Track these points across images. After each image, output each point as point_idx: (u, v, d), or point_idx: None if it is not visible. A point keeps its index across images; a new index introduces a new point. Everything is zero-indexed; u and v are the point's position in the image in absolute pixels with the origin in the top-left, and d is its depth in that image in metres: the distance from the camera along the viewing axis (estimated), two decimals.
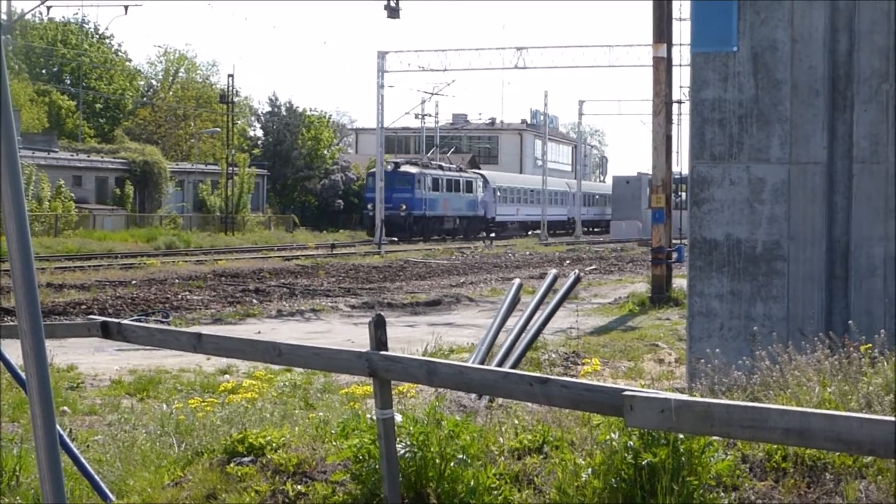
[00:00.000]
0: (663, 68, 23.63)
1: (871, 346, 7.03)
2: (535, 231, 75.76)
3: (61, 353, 14.13)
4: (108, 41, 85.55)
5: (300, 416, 8.62)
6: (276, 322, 20.42)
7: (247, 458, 6.75)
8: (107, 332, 6.69)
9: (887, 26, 9.52)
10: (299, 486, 6.33)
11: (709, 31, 10.04)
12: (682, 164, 38.45)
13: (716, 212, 10.06)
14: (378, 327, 5.51)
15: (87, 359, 14.54)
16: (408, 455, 5.87)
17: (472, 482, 5.80)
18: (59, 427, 4.59)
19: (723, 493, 5.51)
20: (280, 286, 27.19)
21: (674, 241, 25.60)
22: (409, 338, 16.63)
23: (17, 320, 3.75)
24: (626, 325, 19.39)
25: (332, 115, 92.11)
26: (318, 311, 22.13)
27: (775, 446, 5.68)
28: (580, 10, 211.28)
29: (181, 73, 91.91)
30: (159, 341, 6.83)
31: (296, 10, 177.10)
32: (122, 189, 59.54)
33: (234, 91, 68.62)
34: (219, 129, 72.88)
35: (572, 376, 11.40)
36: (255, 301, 23.81)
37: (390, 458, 5.60)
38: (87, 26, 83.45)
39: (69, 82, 78.48)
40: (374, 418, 5.73)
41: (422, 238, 63.31)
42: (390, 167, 61.96)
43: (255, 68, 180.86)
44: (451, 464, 5.89)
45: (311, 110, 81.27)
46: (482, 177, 75.56)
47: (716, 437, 5.33)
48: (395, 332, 16.81)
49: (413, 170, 65.53)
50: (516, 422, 6.85)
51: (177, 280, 28.79)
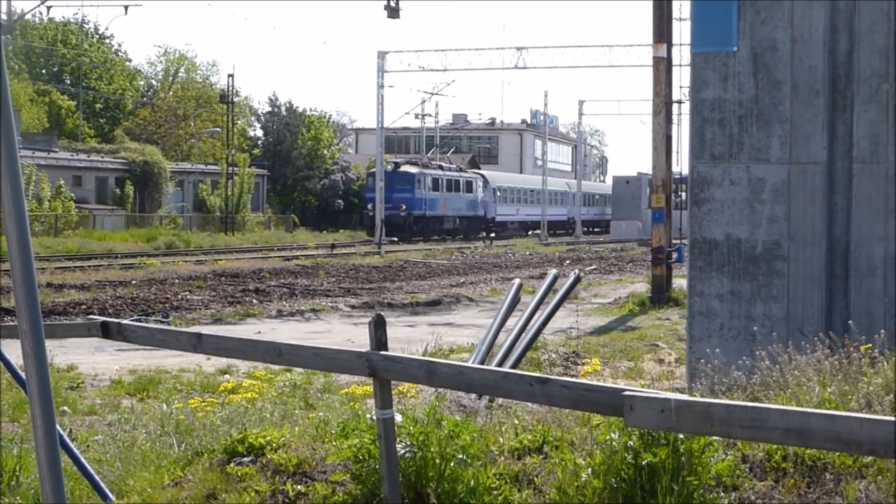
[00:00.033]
0: (663, 68, 23.63)
1: (871, 346, 7.04)
2: (535, 231, 75.72)
3: (61, 353, 14.13)
4: (108, 41, 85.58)
5: (300, 416, 8.62)
6: (276, 322, 20.42)
7: (247, 458, 6.75)
8: (107, 332, 6.69)
9: (887, 26, 9.52)
10: (299, 486, 6.33)
11: (709, 31, 10.04)
12: (682, 164, 38.46)
13: (716, 212, 10.06)
14: (378, 327, 5.51)
15: (87, 359, 14.54)
16: (408, 455, 5.87)
17: (472, 482, 5.81)
18: (59, 427, 4.59)
19: (723, 493, 5.51)
20: (280, 286, 27.19)
21: (674, 241, 25.60)
22: (409, 338, 16.63)
23: (17, 320, 3.75)
24: (626, 325, 19.39)
25: (332, 115, 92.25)
26: (318, 311, 22.13)
27: (775, 446, 5.68)
28: (580, 11, 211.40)
29: (181, 73, 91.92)
30: (159, 341, 6.83)
31: (296, 11, 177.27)
32: (122, 189, 59.56)
33: (234, 91, 68.68)
34: (219, 129, 72.89)
35: (572, 376, 11.40)
36: (255, 301, 23.81)
37: (390, 458, 5.60)
38: (87, 26, 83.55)
39: (69, 82, 78.49)
40: (374, 418, 5.73)
41: (422, 238, 63.25)
42: (390, 167, 61.94)
43: (255, 68, 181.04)
44: (451, 464, 5.89)
45: (311, 110, 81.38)
46: (482, 177, 75.48)
47: (716, 437, 5.33)
48: (395, 332, 16.81)
49: (413, 170, 65.43)
50: (516, 422, 6.85)
51: (177, 280, 28.79)
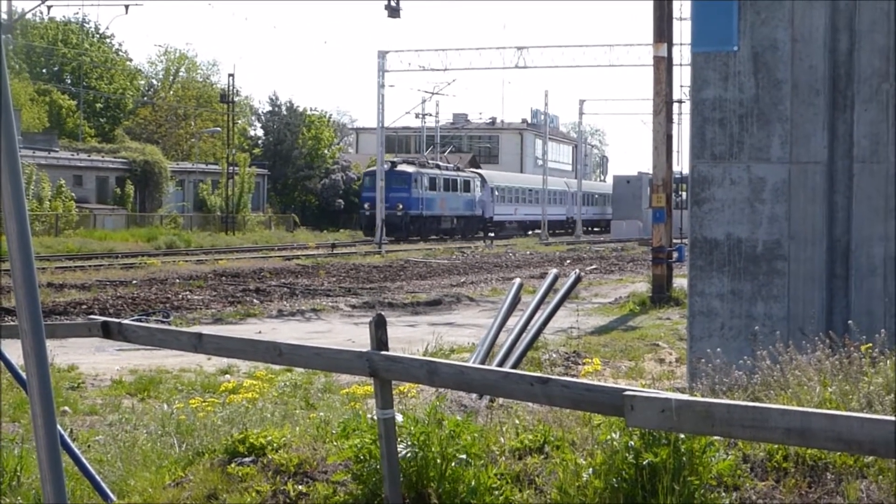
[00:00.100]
0: (664, 68, 23.63)
1: (871, 345, 7.04)
2: (533, 231, 75.69)
3: (62, 352, 14.13)
4: (108, 41, 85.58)
5: (301, 416, 8.62)
6: (276, 322, 20.41)
7: (248, 459, 6.75)
8: (107, 331, 6.70)
9: (887, 26, 9.52)
10: (300, 487, 6.33)
11: (709, 31, 10.04)
12: (682, 163, 38.37)
13: (716, 211, 10.06)
14: (379, 327, 5.51)
15: (87, 359, 14.54)
16: (409, 455, 5.87)
17: (473, 482, 5.81)
18: (59, 427, 4.59)
19: (724, 493, 5.51)
20: (281, 286, 27.19)
21: (674, 241, 25.60)
22: (410, 338, 16.63)
23: (18, 320, 3.75)
24: (627, 325, 19.38)
25: (332, 115, 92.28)
26: (319, 310, 22.13)
27: (776, 446, 5.68)
28: (580, 10, 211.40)
29: (182, 73, 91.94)
30: (160, 341, 6.83)
31: (296, 10, 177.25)
32: (123, 189, 59.58)
33: (235, 91, 68.67)
34: (219, 129, 72.90)
35: (573, 376, 11.40)
36: (255, 301, 23.81)
37: (391, 458, 5.60)
38: (87, 26, 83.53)
39: (70, 82, 78.49)
40: (375, 418, 5.73)
41: (419, 238, 63.13)
42: (387, 166, 61.81)
43: (256, 68, 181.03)
44: (452, 464, 5.89)
45: (311, 110, 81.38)
46: (480, 176, 75.20)
47: (717, 437, 5.33)
48: (396, 331, 16.81)
49: (410, 169, 65.03)
50: (517, 422, 6.85)
51: (177, 280, 28.79)
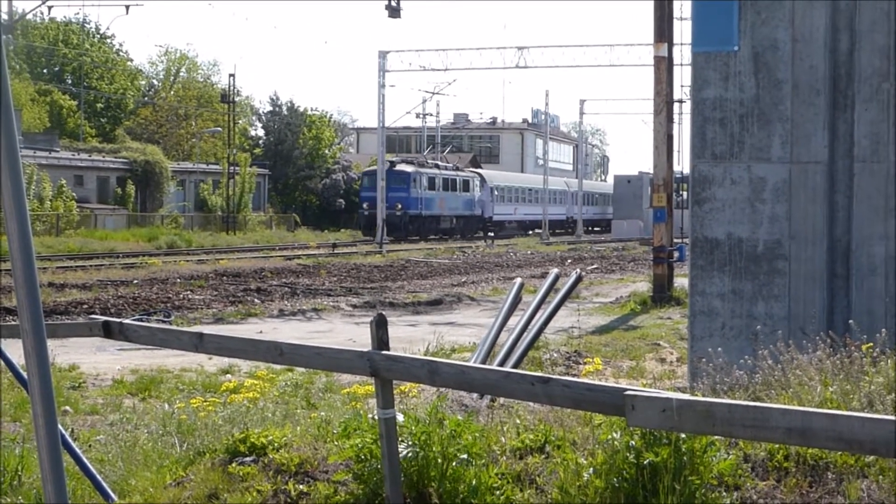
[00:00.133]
0: (664, 68, 23.62)
1: (872, 345, 7.04)
2: (533, 231, 75.65)
3: (63, 352, 14.14)
4: (109, 41, 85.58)
5: (302, 415, 8.62)
6: (277, 321, 20.41)
7: (249, 458, 6.76)
8: (108, 331, 6.70)
9: (888, 26, 9.52)
10: (301, 486, 6.34)
11: (710, 31, 10.04)
12: (683, 163, 38.39)
13: (717, 211, 10.06)
14: (380, 327, 5.51)
15: (88, 358, 14.54)
16: (410, 455, 5.87)
17: (473, 482, 5.81)
18: (60, 427, 4.60)
19: (725, 493, 5.51)
20: (282, 285, 27.19)
21: (675, 241, 25.59)
22: (411, 337, 16.63)
23: (19, 320, 3.75)
24: (628, 325, 19.37)
25: (333, 115, 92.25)
26: (320, 310, 22.13)
27: (777, 446, 5.68)
28: (581, 10, 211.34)
29: (182, 73, 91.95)
30: (161, 341, 6.83)
31: (297, 10, 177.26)
32: (124, 189, 59.58)
33: (236, 91, 68.66)
34: (220, 129, 72.91)
35: (574, 376, 11.40)
36: (256, 300, 23.82)
37: (392, 458, 5.60)
38: (88, 26, 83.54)
39: (70, 82, 78.52)
40: (376, 418, 5.73)
41: (418, 237, 63.04)
42: (386, 166, 61.68)
43: (257, 68, 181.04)
44: (453, 463, 5.89)
45: (312, 110, 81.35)
46: (479, 176, 75.00)
47: (718, 437, 5.33)
48: (397, 331, 16.81)
49: (409, 169, 64.73)
50: (518, 421, 6.85)
51: (178, 279, 28.79)
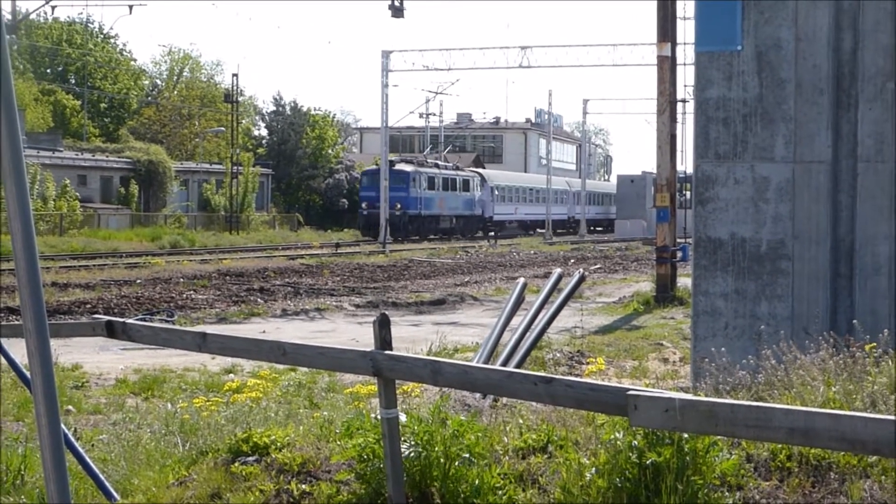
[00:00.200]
0: (667, 67, 23.61)
1: (875, 345, 7.03)
2: (535, 231, 75.59)
3: (66, 352, 14.15)
4: (112, 41, 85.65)
5: (305, 415, 8.62)
6: (280, 321, 20.42)
7: (251, 458, 6.76)
8: (112, 331, 6.70)
9: (891, 25, 9.50)
10: (304, 486, 6.34)
11: (713, 31, 10.03)
12: (686, 162, 38.28)
13: (720, 211, 10.05)
14: (382, 326, 5.51)
15: (91, 358, 14.55)
16: (412, 454, 5.87)
17: (476, 482, 5.81)
18: (63, 426, 4.60)
19: (727, 493, 5.51)
20: (285, 285, 27.20)
21: (678, 240, 25.57)
22: (414, 337, 16.63)
23: (22, 319, 3.76)
24: (631, 325, 19.35)
25: (336, 115, 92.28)
26: (323, 310, 22.14)
27: (780, 446, 5.68)
28: (584, 10, 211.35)
29: (185, 73, 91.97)
30: (164, 340, 6.83)
31: (300, 10, 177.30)
32: (127, 188, 59.62)
33: (239, 90, 68.70)
34: (223, 129, 72.96)
35: (577, 375, 11.40)
36: (259, 300, 23.83)
37: (394, 458, 5.60)
38: (91, 26, 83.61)
39: (74, 82, 78.58)
40: (379, 418, 5.73)
41: (417, 237, 62.91)
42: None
43: (260, 68, 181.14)
44: (456, 463, 5.89)
45: (315, 110, 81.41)
46: (479, 175, 74.66)
47: (720, 437, 5.32)
48: (400, 331, 16.81)
49: (408, 168, 64.35)
50: (521, 421, 6.85)
51: (181, 279, 28.81)
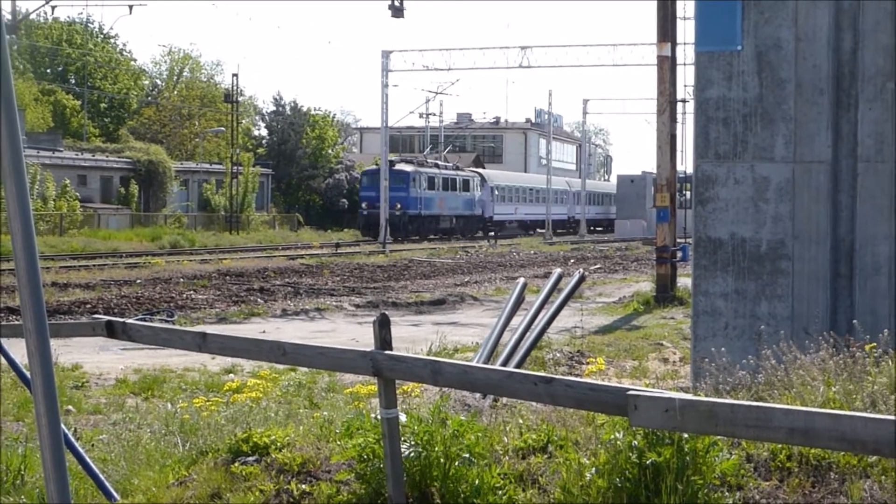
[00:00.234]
0: (667, 67, 23.60)
1: (875, 345, 7.03)
2: (535, 231, 75.55)
3: (66, 352, 14.15)
4: (112, 41, 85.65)
5: (305, 415, 8.62)
6: (280, 321, 20.42)
7: (251, 458, 6.76)
8: (112, 331, 6.70)
9: (891, 25, 9.50)
10: (304, 486, 6.34)
11: (713, 31, 10.03)
12: (686, 162, 38.29)
13: (720, 211, 10.05)
14: (382, 326, 5.51)
15: (91, 358, 14.55)
16: (412, 454, 5.87)
17: (476, 482, 5.81)
18: (63, 426, 4.60)
19: (727, 493, 5.51)
20: (285, 285, 27.20)
21: (678, 240, 25.57)
22: (414, 337, 16.63)
23: (22, 319, 3.76)
24: (631, 325, 19.35)
25: (336, 115, 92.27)
26: (323, 310, 22.14)
27: (780, 446, 5.68)
28: (584, 10, 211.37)
29: (185, 73, 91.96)
30: (164, 340, 6.83)
31: (300, 10, 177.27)
32: (127, 188, 59.63)
33: (239, 90, 68.69)
34: (223, 129, 72.96)
35: (577, 375, 11.40)
36: (259, 300, 23.83)
37: (394, 458, 5.60)
38: (91, 26, 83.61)
39: (74, 82, 78.57)
40: (379, 418, 5.73)
41: (417, 237, 62.87)
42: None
43: (260, 68, 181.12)
44: (456, 463, 5.89)
45: (315, 110, 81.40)
46: (479, 175, 74.62)
47: (720, 437, 5.32)
48: (400, 331, 16.81)
49: (408, 168, 64.26)
50: (521, 421, 6.85)
51: (181, 279, 28.80)
